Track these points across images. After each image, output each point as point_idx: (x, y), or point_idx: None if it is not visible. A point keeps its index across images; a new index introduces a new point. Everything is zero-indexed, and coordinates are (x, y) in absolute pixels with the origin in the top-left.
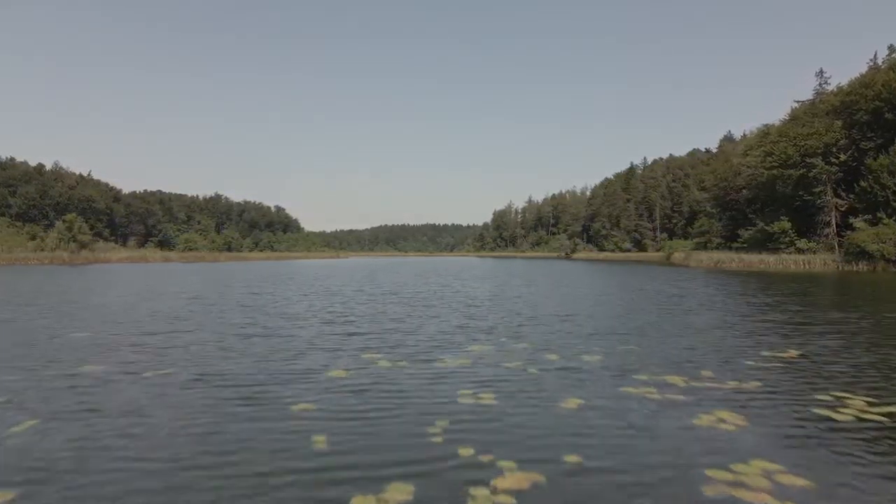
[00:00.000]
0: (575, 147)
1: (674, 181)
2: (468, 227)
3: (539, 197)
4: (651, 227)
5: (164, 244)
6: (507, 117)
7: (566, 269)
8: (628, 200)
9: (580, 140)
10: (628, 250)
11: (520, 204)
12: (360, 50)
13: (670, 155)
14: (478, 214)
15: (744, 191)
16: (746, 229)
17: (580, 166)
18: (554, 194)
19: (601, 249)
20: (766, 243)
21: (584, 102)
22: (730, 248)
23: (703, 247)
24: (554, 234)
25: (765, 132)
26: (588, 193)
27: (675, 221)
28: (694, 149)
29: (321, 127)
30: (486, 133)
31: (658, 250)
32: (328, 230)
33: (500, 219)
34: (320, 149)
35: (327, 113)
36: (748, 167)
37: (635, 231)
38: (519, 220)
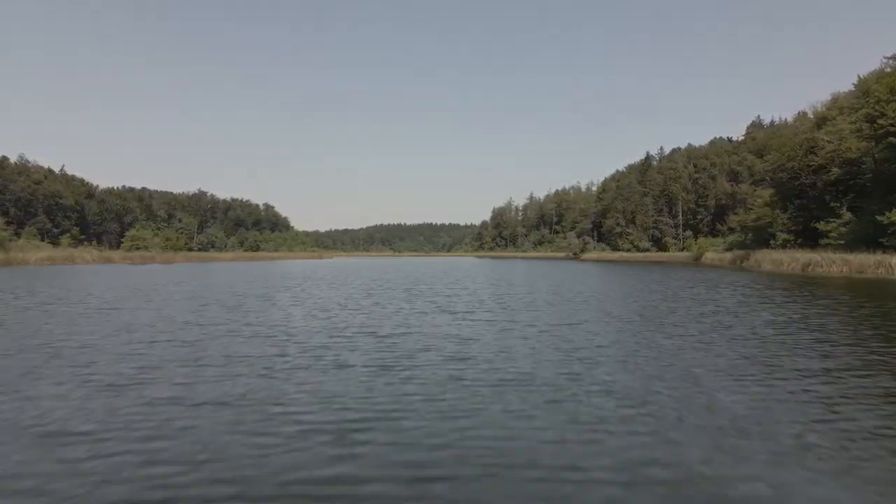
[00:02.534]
0: (577, 142)
1: (697, 172)
2: (466, 226)
3: (541, 194)
4: (672, 223)
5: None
6: (505, 112)
7: (602, 276)
8: (645, 194)
9: (583, 135)
10: (646, 250)
11: (521, 201)
12: (357, 43)
13: (689, 144)
14: (476, 214)
15: (834, 169)
16: (828, 221)
17: (584, 162)
18: (557, 191)
19: (615, 249)
20: (875, 238)
21: (584, 95)
22: (800, 246)
23: (765, 244)
24: (557, 232)
25: (863, 90)
26: (595, 189)
27: (700, 217)
28: (716, 137)
29: (317, 124)
30: (485, 130)
31: (682, 249)
32: (322, 230)
33: (500, 217)
34: (316, 147)
35: (323, 110)
36: (830, 141)
37: (654, 228)
38: (520, 218)
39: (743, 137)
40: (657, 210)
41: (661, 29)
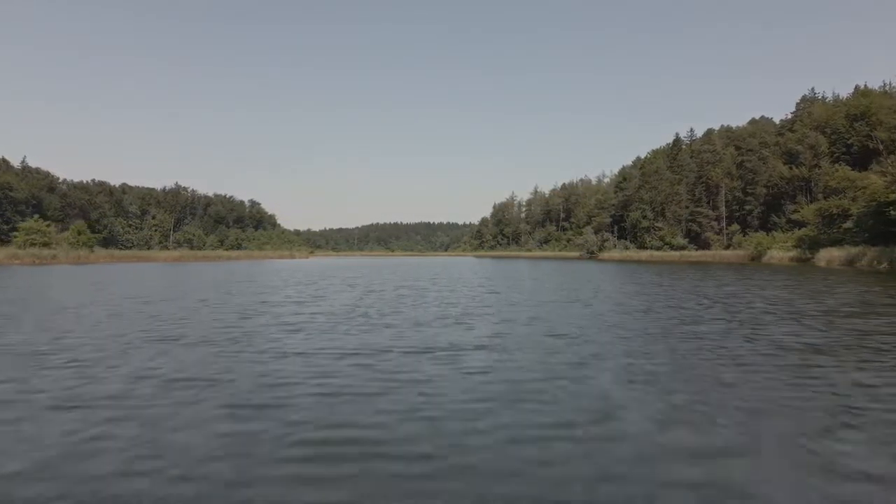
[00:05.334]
0: (580, 139)
1: (741, 154)
2: (465, 225)
3: (546, 187)
4: (714, 215)
5: (110, 242)
6: (505, 109)
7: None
8: (678, 182)
9: (586, 127)
10: (682, 247)
11: (524, 196)
12: (351, 37)
13: (723, 126)
14: (476, 214)
15: None
16: None
17: (588, 158)
18: (564, 184)
19: (641, 246)
20: None
21: (584, 91)
22: None
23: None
24: (565, 229)
25: None
26: (608, 180)
27: (748, 208)
28: (760, 116)
29: (313, 122)
30: (485, 127)
31: (727, 247)
32: (316, 228)
33: (502, 213)
34: (310, 145)
35: (320, 107)
36: None
37: (691, 221)
38: (523, 214)
39: (790, 115)
40: (693, 200)
41: (657, 27)
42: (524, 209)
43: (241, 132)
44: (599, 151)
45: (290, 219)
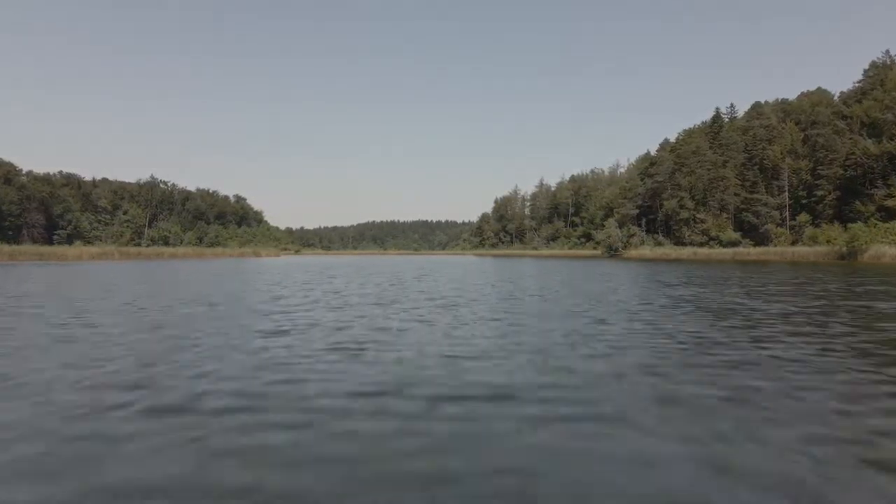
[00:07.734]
0: (583, 131)
1: (807, 128)
2: (465, 223)
3: (553, 180)
4: (775, 203)
5: (75, 239)
6: (505, 102)
7: None
8: (723, 164)
9: (588, 123)
10: (734, 243)
11: (529, 189)
12: (350, 33)
13: (774, 100)
14: (475, 213)
15: None
16: None
17: (594, 150)
18: (573, 175)
19: (679, 242)
20: None
21: (583, 84)
22: None
23: None
24: (575, 225)
25: None
26: (623, 170)
27: (819, 193)
28: (816, 88)
29: (309, 119)
30: (485, 124)
31: (794, 242)
32: (310, 226)
33: (504, 208)
34: (308, 141)
35: (317, 103)
36: None
37: (745, 210)
38: (527, 210)
39: (858, 84)
40: (745, 185)
41: (659, 19)
42: (528, 204)
43: (237, 129)
44: (606, 146)
45: (286, 216)
